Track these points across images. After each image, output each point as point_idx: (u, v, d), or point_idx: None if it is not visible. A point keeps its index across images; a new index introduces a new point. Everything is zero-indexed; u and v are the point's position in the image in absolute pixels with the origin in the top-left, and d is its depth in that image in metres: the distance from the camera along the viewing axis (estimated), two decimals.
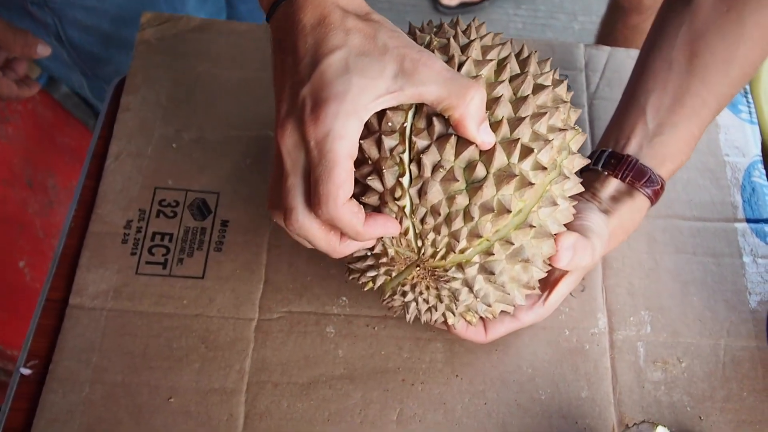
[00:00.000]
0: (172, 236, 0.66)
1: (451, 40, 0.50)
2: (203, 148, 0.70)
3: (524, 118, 0.47)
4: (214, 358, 0.61)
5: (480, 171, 0.46)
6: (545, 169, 0.48)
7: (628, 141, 0.59)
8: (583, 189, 0.53)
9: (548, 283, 0.57)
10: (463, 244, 0.47)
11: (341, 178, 0.42)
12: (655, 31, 0.63)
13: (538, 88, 0.50)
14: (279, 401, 0.59)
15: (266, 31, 0.77)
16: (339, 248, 0.47)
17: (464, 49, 0.50)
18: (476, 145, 0.46)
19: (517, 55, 0.52)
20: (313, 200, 0.43)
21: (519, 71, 0.51)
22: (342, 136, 0.42)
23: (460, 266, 0.48)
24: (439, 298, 0.51)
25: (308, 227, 0.45)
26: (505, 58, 0.51)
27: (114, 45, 0.85)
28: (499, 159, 0.46)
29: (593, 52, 0.78)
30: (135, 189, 0.68)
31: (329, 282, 0.64)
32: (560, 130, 0.50)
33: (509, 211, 0.46)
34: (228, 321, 0.62)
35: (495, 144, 0.46)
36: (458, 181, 0.46)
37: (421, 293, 0.51)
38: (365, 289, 0.53)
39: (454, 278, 0.48)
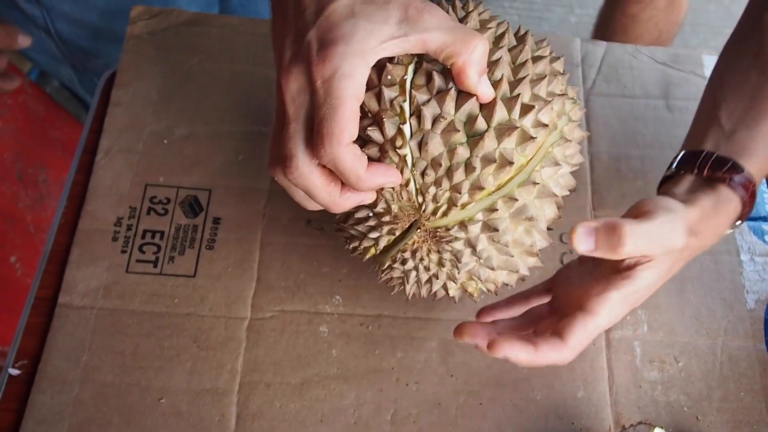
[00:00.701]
0: (163, 234, 0.65)
1: (450, 10, 0.50)
2: (195, 143, 0.69)
3: (524, 78, 0.48)
4: (205, 357, 0.60)
5: (481, 124, 0.46)
6: (546, 126, 0.48)
7: (703, 143, 0.53)
8: (582, 159, 0.52)
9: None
10: (464, 198, 0.46)
11: (346, 117, 0.41)
12: (728, 48, 0.59)
13: (536, 59, 0.50)
14: (271, 402, 0.59)
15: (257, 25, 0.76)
16: (339, 200, 0.46)
17: (462, 20, 0.50)
18: (476, 99, 0.46)
19: (515, 34, 0.53)
20: (316, 140, 0.42)
21: (516, 44, 0.51)
22: (349, 75, 0.41)
23: (463, 224, 0.47)
24: (440, 263, 0.50)
25: (308, 174, 0.44)
26: (503, 33, 0.51)
27: (103, 38, 0.84)
28: (500, 113, 0.46)
29: (590, 47, 0.77)
30: (125, 185, 0.67)
31: (323, 280, 0.64)
32: (559, 95, 0.49)
33: (511, 163, 0.46)
34: (220, 320, 0.62)
35: (495, 99, 0.46)
36: (459, 131, 0.46)
37: (422, 259, 0.50)
38: (366, 258, 0.52)
39: (457, 238, 0.48)
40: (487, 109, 0.46)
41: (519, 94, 0.47)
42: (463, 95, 0.46)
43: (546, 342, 0.46)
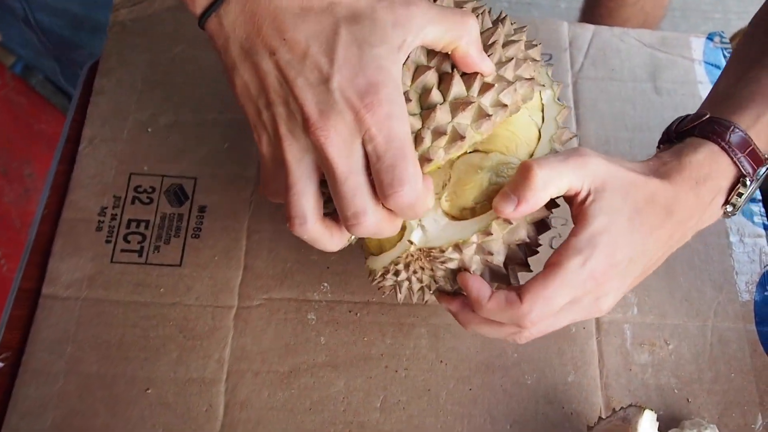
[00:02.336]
0: (148, 223, 0.64)
1: None
2: (180, 132, 0.68)
3: (489, 57, 0.47)
4: (192, 347, 0.59)
5: (436, 97, 0.45)
6: (506, 107, 0.46)
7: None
8: None
9: None
10: None
11: (414, 158, 0.41)
12: (746, 34, 0.58)
13: (508, 42, 0.49)
14: (260, 390, 0.58)
15: None
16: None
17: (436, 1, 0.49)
18: (434, 72, 0.45)
19: (497, 18, 0.51)
20: (393, 185, 0.41)
21: (491, 26, 0.50)
22: (400, 115, 0.41)
23: (458, 246, 0.47)
24: (433, 278, 0.50)
25: (380, 221, 0.43)
26: (478, 15, 0.49)
27: (86, 28, 0.83)
28: (458, 88, 0.45)
29: (577, 31, 0.76)
30: (109, 175, 0.66)
31: (310, 268, 0.63)
32: (527, 79, 0.48)
33: (463, 138, 0.45)
34: (206, 309, 0.61)
35: (453, 74, 0.45)
36: (411, 101, 0.45)
37: (415, 272, 0.50)
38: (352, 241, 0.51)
39: (451, 259, 0.47)
40: (444, 83, 0.45)
41: (478, 73, 0.46)
42: (422, 69, 0.45)
43: (503, 294, 0.45)
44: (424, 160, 0.45)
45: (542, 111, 0.52)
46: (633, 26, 1.09)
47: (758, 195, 0.69)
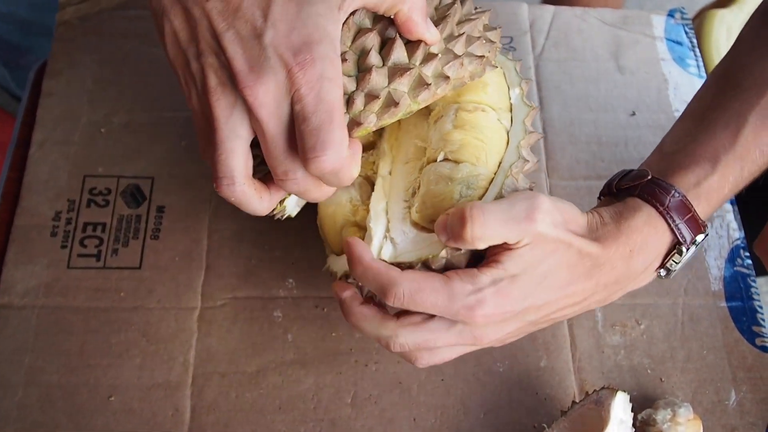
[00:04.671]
0: (104, 226, 0.62)
1: None
2: (134, 131, 0.67)
3: (439, 30, 0.45)
4: (156, 351, 0.58)
5: (374, 59, 0.43)
6: (447, 78, 0.45)
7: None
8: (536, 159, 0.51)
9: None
10: None
11: (342, 123, 0.40)
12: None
13: (464, 20, 0.47)
14: (227, 392, 0.56)
15: None
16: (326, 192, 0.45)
17: None
18: (376, 35, 0.44)
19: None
20: (311, 151, 0.39)
21: (449, 2, 0.48)
22: (334, 77, 0.39)
23: (426, 263, 0.45)
24: None
25: (308, 183, 0.42)
26: None
27: (34, 32, 0.81)
28: (399, 53, 0.44)
29: (537, 12, 0.75)
30: (63, 178, 0.64)
31: (274, 264, 0.62)
32: (478, 57, 0.47)
33: (396, 104, 0.43)
34: (169, 311, 0.59)
35: (395, 39, 0.44)
36: (348, 62, 0.43)
37: None
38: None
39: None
40: (385, 49, 0.44)
41: (422, 41, 0.44)
42: (363, 32, 0.44)
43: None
44: (354, 123, 0.43)
45: (510, 112, 0.51)
46: (595, 5, 1.08)
47: None
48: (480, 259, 0.46)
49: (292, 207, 0.51)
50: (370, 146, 0.57)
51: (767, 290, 1.40)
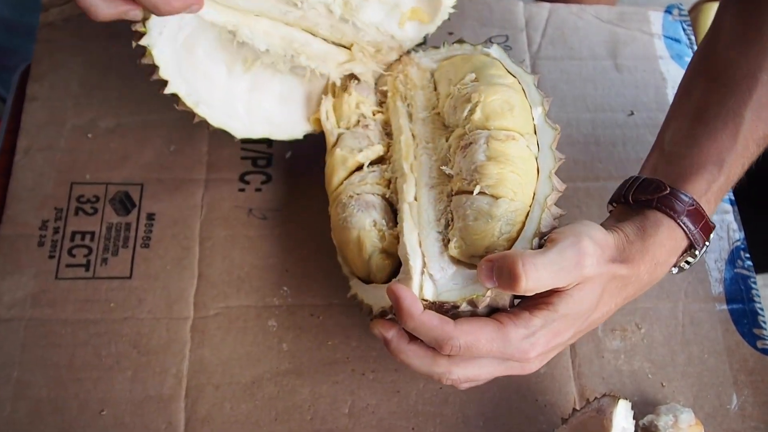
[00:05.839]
0: (93, 235, 0.61)
1: None
2: (122, 136, 0.65)
3: None
4: (147, 363, 0.56)
5: None
6: None
7: (643, 171, 0.53)
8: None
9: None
10: None
11: None
12: (682, 79, 0.58)
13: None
14: (221, 404, 0.55)
15: None
16: None
17: None
18: None
19: None
20: None
21: None
22: None
23: (472, 302, 0.46)
24: None
25: None
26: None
27: (18, 33, 0.79)
28: None
29: (533, 10, 0.74)
30: (49, 186, 0.62)
31: (268, 272, 0.60)
32: None
33: None
34: (161, 322, 0.58)
35: None
36: None
37: None
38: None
39: (463, 311, 0.47)
40: None
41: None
42: None
43: (436, 314, 0.45)
44: None
45: (535, 134, 0.51)
46: (591, 2, 1.07)
47: None
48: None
49: (156, 37, 0.51)
50: (379, 160, 0.56)
51: (765, 285, 1.40)
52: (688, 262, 0.52)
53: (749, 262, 0.63)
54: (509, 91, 0.52)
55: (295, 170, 0.65)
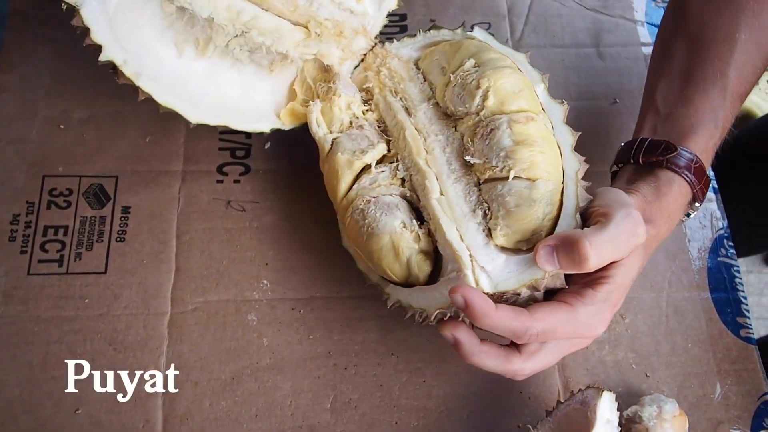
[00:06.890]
0: (66, 229, 0.59)
1: None
2: (96, 127, 0.63)
3: None
4: (124, 360, 0.55)
5: None
6: None
7: (640, 131, 0.55)
8: None
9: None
10: None
11: None
12: (657, 39, 0.60)
13: None
14: (200, 401, 0.54)
15: None
16: None
17: None
18: None
19: None
20: None
21: None
22: None
23: (532, 286, 0.47)
24: None
25: None
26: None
27: None
28: None
29: None
30: (20, 179, 0.60)
31: (248, 266, 0.59)
32: None
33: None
34: (137, 318, 0.56)
35: None
36: None
37: None
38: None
39: (521, 296, 0.48)
40: None
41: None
42: None
43: (508, 307, 0.46)
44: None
45: (544, 111, 0.52)
46: None
47: None
48: None
49: None
50: (381, 160, 0.55)
51: (747, 271, 1.41)
52: (687, 215, 0.55)
53: (732, 251, 0.63)
54: (515, 72, 0.51)
55: (274, 161, 0.63)
